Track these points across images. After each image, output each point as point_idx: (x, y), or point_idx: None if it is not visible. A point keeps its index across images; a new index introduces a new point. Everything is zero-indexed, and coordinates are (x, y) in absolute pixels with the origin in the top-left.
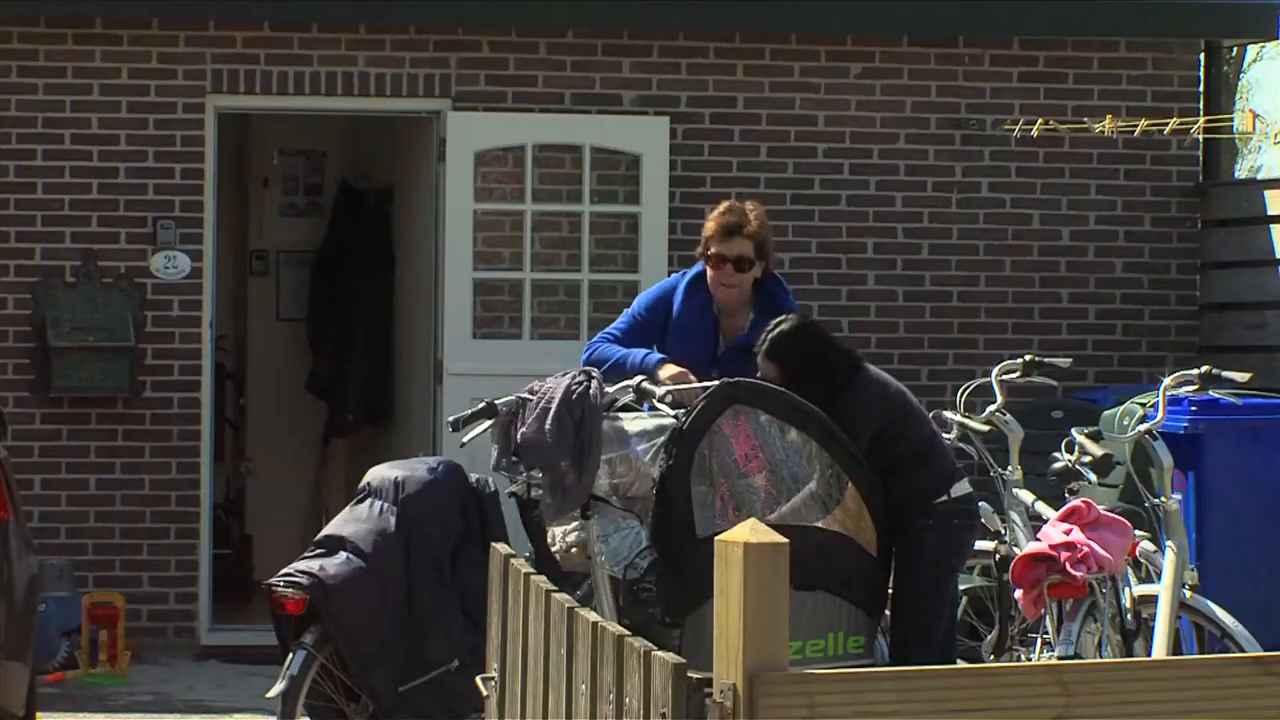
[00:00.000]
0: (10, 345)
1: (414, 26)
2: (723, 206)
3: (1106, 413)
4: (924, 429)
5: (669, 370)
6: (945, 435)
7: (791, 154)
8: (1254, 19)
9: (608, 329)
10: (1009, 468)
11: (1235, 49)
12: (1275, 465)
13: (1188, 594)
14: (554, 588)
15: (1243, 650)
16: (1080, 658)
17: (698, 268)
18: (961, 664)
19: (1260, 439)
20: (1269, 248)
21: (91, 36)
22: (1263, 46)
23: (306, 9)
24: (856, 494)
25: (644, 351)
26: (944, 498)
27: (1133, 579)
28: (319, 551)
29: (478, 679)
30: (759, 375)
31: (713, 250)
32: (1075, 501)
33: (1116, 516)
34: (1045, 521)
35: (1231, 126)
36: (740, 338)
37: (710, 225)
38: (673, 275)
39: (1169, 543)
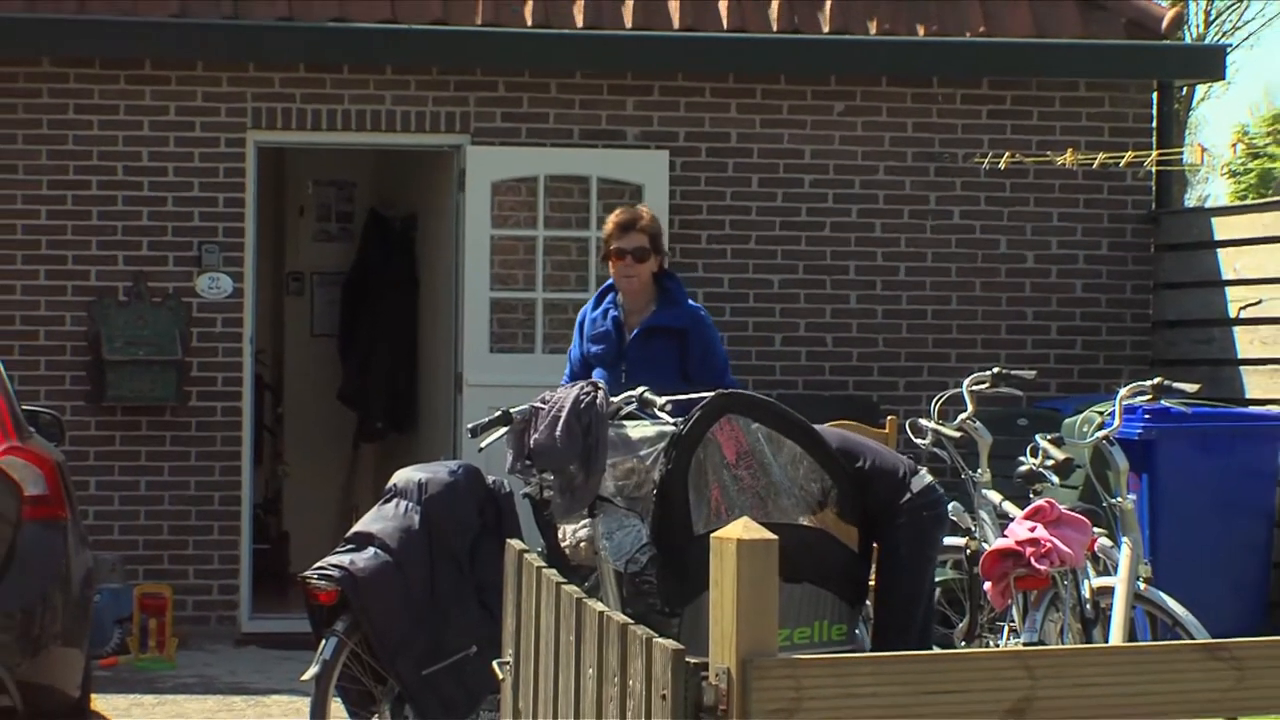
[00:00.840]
0: (68, 359)
1: (436, 68)
2: (617, 210)
3: (1067, 420)
4: (854, 462)
5: None
6: (920, 441)
7: (781, 184)
8: (1202, 61)
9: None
10: (979, 470)
11: (1185, 88)
12: (1222, 468)
13: (1142, 586)
14: (564, 580)
15: (1192, 637)
16: (1044, 644)
17: (602, 289)
18: (935, 649)
19: (1208, 444)
20: (1216, 270)
21: (141, 77)
22: (1210, 86)
23: (338, 52)
24: (837, 496)
25: None
26: (906, 496)
27: (1091, 572)
28: (349, 547)
29: (494, 663)
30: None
31: (613, 246)
32: (1039, 501)
33: (1077, 515)
34: (1012, 520)
35: (1182, 159)
36: (641, 324)
37: (608, 226)
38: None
39: (1124, 539)
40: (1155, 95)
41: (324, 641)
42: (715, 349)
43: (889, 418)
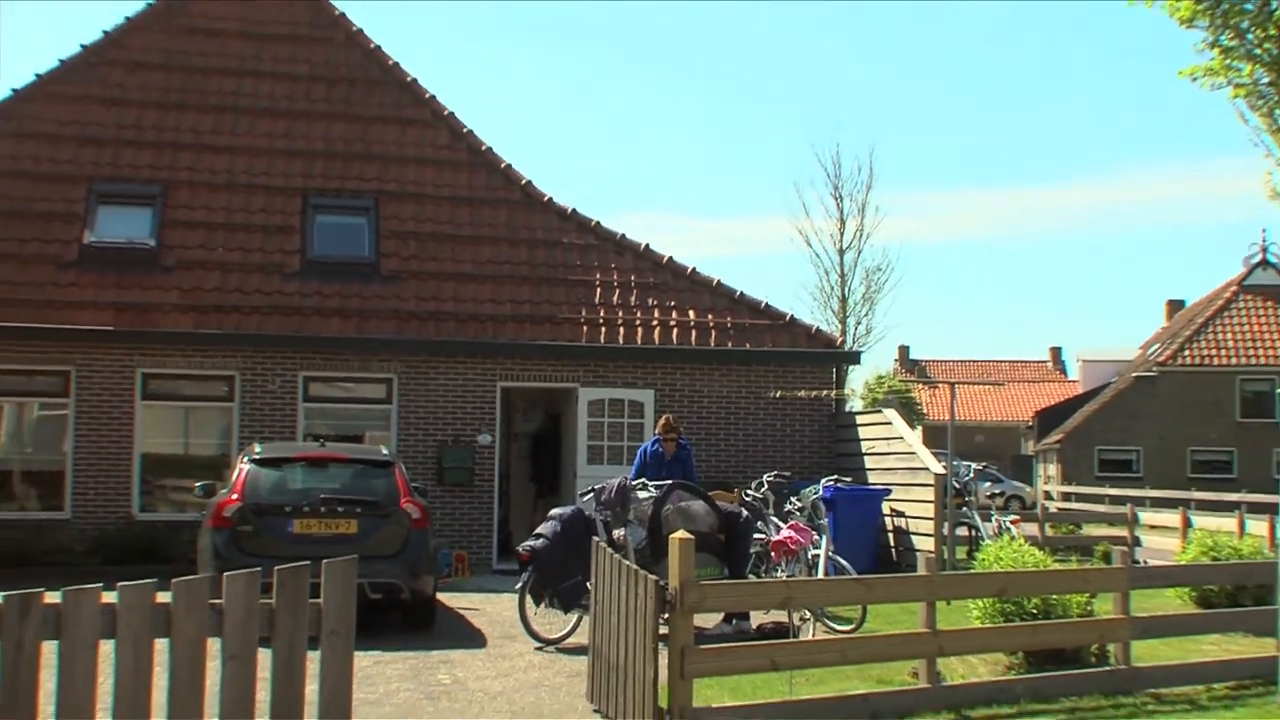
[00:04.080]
0: (430, 467)
1: (567, 358)
2: (664, 420)
3: (804, 490)
4: (722, 509)
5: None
6: (747, 499)
7: (694, 402)
8: (852, 356)
9: (631, 472)
10: (770, 510)
11: (846, 365)
12: (861, 509)
13: (831, 554)
14: (613, 553)
15: (851, 574)
16: (795, 577)
17: (654, 438)
18: (754, 579)
19: (855, 500)
20: (856, 436)
21: (457, 361)
22: (856, 365)
23: (534, 354)
24: (718, 521)
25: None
26: (741, 519)
27: (812, 549)
28: (532, 537)
29: (587, 583)
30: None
31: (662, 436)
32: (793, 521)
33: (805, 528)
34: (783, 528)
35: (845, 394)
36: (671, 457)
37: (661, 427)
38: (641, 446)
39: (824, 537)
40: (835, 369)
41: (523, 574)
42: (692, 465)
43: (735, 489)
